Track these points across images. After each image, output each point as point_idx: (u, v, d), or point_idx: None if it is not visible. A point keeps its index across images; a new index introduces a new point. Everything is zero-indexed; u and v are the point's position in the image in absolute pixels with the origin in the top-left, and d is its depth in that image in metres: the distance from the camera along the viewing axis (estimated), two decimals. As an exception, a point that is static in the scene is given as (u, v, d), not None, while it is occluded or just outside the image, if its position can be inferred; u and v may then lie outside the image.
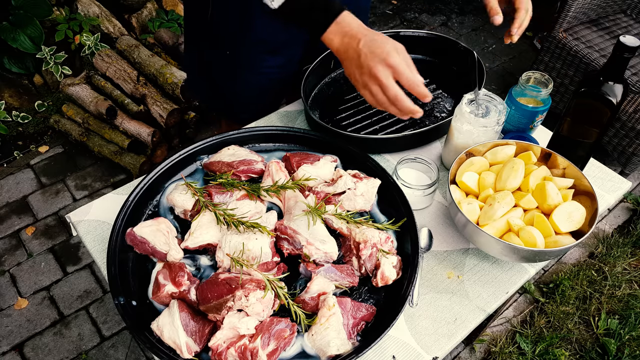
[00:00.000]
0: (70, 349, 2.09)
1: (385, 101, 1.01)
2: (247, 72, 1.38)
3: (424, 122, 1.37)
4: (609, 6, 2.76)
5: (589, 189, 1.05)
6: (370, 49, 0.99)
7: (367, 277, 1.02)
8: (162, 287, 0.95)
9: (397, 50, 0.99)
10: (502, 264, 1.11)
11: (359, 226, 1.05)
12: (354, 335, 0.93)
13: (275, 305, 0.95)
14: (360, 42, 1.00)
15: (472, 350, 2.15)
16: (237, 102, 1.49)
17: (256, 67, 1.37)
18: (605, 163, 1.31)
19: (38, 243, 2.42)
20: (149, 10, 3.21)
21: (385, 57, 0.97)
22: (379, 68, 0.97)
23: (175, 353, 0.88)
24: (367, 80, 1.01)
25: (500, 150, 1.13)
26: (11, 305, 2.21)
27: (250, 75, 1.39)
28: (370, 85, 1.01)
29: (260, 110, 1.44)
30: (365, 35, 1.00)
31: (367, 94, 1.03)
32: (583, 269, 2.39)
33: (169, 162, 1.14)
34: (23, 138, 2.86)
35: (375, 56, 0.98)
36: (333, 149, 1.21)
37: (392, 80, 0.98)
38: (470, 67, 1.32)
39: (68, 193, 2.63)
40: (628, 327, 2.16)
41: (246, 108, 1.49)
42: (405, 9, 3.96)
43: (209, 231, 1.03)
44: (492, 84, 3.35)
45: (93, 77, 2.77)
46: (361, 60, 1.00)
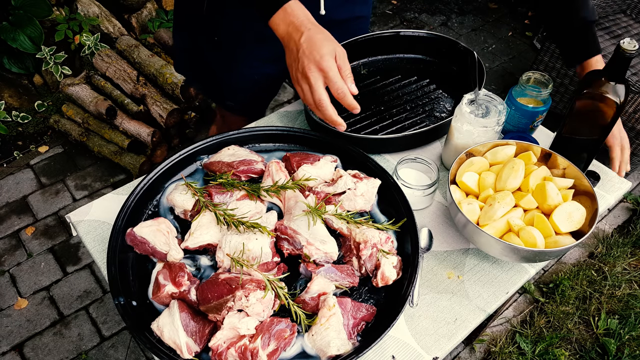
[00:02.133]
0: (70, 349, 2.09)
1: (311, 103, 1.00)
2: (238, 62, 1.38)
3: (424, 122, 1.37)
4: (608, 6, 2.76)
5: (589, 189, 1.05)
6: (308, 46, 0.97)
7: (367, 277, 1.02)
8: (162, 287, 0.95)
9: (336, 54, 0.97)
10: (502, 264, 1.11)
11: (359, 226, 1.05)
12: (354, 336, 0.93)
13: (276, 305, 0.95)
14: (302, 35, 0.98)
15: (472, 350, 2.15)
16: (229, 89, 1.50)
17: (247, 59, 1.36)
18: (605, 163, 1.31)
19: (38, 243, 2.42)
20: (148, 10, 3.21)
21: (319, 60, 0.95)
22: (311, 69, 0.96)
23: (176, 353, 0.88)
24: (300, 77, 1.00)
25: (500, 151, 1.13)
26: (11, 305, 2.21)
27: (243, 66, 1.38)
28: (301, 83, 1.00)
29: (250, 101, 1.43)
30: (308, 29, 0.98)
31: (298, 89, 1.02)
32: (583, 269, 2.40)
33: (169, 162, 1.14)
34: (23, 138, 2.86)
35: (311, 55, 0.96)
36: (333, 149, 1.21)
37: (321, 84, 0.97)
38: (470, 67, 1.32)
39: (68, 193, 2.63)
40: (628, 327, 2.16)
41: (237, 97, 1.49)
42: (405, 9, 3.96)
43: (209, 231, 1.03)
44: (492, 84, 3.35)
45: (93, 77, 2.77)
46: (299, 55, 0.98)
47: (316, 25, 1.00)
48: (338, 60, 0.99)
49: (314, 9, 1.29)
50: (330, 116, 1.00)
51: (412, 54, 1.54)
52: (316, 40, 0.97)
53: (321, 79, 0.97)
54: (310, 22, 1.00)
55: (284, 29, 1.02)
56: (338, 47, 0.99)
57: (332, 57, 0.97)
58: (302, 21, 1.00)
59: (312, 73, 0.96)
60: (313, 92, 0.98)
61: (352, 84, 1.00)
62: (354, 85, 1.00)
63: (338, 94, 0.97)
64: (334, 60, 0.97)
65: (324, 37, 0.98)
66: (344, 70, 1.00)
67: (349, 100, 0.98)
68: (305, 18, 1.00)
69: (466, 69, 1.42)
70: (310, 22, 1.00)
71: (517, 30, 3.83)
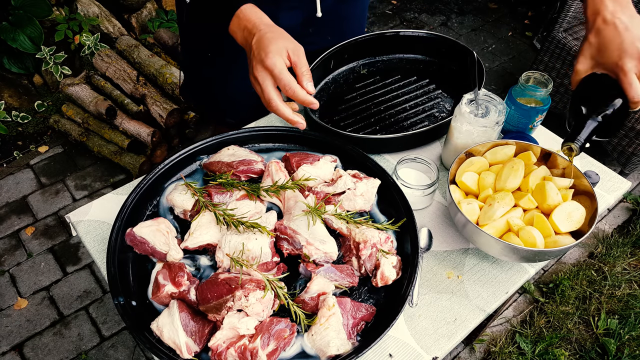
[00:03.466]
0: (70, 349, 2.09)
1: (265, 104, 0.98)
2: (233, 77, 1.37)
3: (424, 122, 1.37)
4: (608, 6, 2.76)
5: (588, 189, 1.04)
6: (257, 46, 0.95)
7: (367, 277, 1.02)
8: (161, 287, 0.95)
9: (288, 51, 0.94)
10: (501, 264, 1.11)
11: (359, 226, 1.05)
12: (354, 335, 0.93)
13: (275, 305, 0.95)
14: (254, 37, 0.96)
15: (472, 350, 2.15)
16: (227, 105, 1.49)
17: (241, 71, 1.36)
18: (605, 163, 1.31)
19: (38, 243, 2.42)
20: (148, 10, 3.21)
21: (263, 58, 0.93)
22: (258, 69, 0.95)
23: (175, 353, 0.88)
24: (252, 80, 0.98)
25: (500, 150, 1.13)
26: (11, 305, 2.21)
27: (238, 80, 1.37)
28: (255, 85, 0.98)
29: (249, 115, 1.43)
30: (260, 30, 0.96)
31: (257, 91, 1.00)
32: (583, 269, 2.40)
33: (169, 162, 1.14)
34: (23, 138, 2.86)
35: (258, 56, 0.94)
36: (333, 149, 1.21)
37: (270, 83, 0.95)
38: (470, 67, 1.32)
39: (68, 193, 2.63)
40: (628, 327, 2.16)
41: (235, 112, 1.48)
42: (405, 9, 3.96)
43: (208, 231, 1.03)
44: (492, 84, 3.35)
45: (93, 77, 2.77)
46: (251, 57, 0.97)
47: (269, 26, 0.97)
48: (292, 57, 0.95)
49: (311, 11, 1.29)
50: (283, 114, 0.97)
51: (412, 54, 1.54)
52: (264, 40, 0.94)
53: (269, 78, 0.95)
54: (262, 24, 0.97)
55: (240, 35, 1.00)
56: (290, 44, 0.95)
57: (279, 54, 0.93)
58: (255, 23, 0.97)
59: (259, 73, 0.95)
60: (263, 92, 0.96)
61: (309, 82, 0.97)
62: (310, 84, 0.97)
63: (287, 90, 0.94)
64: (281, 57, 0.94)
65: (273, 36, 0.95)
66: (299, 67, 0.96)
67: (300, 96, 0.95)
68: (258, 20, 0.98)
69: (466, 69, 1.41)
70: (263, 24, 0.97)
71: (517, 30, 3.83)
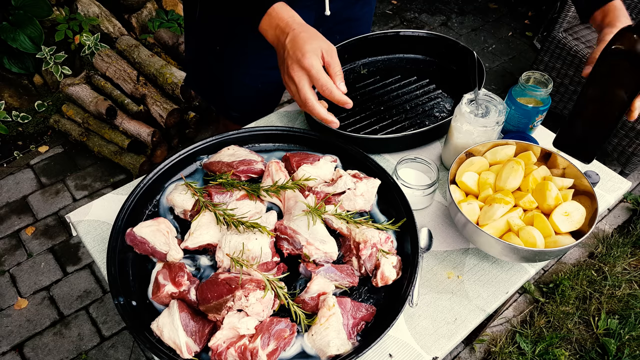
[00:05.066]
0: (70, 349, 2.09)
1: (300, 103, 0.99)
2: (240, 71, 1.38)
3: (424, 122, 1.37)
4: (608, 6, 2.76)
5: (588, 189, 1.04)
6: (292, 46, 0.95)
7: (367, 277, 1.02)
8: (162, 287, 0.95)
9: (322, 51, 0.95)
10: (502, 264, 1.11)
11: (359, 226, 1.05)
12: (354, 335, 0.93)
13: (275, 305, 0.95)
14: (287, 36, 0.96)
15: (472, 350, 2.15)
16: (232, 100, 1.49)
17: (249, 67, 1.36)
18: (605, 163, 1.31)
19: (38, 243, 2.42)
20: (148, 10, 3.21)
21: (300, 58, 0.93)
22: (294, 68, 0.95)
23: (175, 353, 0.88)
24: (287, 79, 0.99)
25: (500, 150, 1.13)
26: (11, 305, 2.21)
27: (244, 75, 1.38)
28: (289, 84, 0.99)
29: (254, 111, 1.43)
30: (293, 29, 0.96)
31: (289, 91, 1.01)
32: (583, 269, 2.39)
33: (169, 162, 1.14)
34: (23, 138, 2.86)
35: (294, 55, 0.94)
36: (333, 149, 1.21)
37: (306, 83, 0.95)
38: (470, 67, 1.32)
39: (68, 193, 2.63)
40: (628, 327, 2.16)
41: (240, 107, 1.49)
42: (405, 9, 3.96)
43: (208, 231, 1.03)
44: (492, 84, 3.35)
45: (93, 77, 2.77)
46: (285, 57, 0.97)
47: (302, 25, 0.98)
48: (326, 57, 0.96)
49: (320, 9, 1.29)
50: (319, 114, 0.98)
51: (412, 54, 1.54)
52: (299, 40, 0.95)
53: (305, 78, 0.95)
54: (295, 23, 0.98)
55: (272, 33, 1.00)
56: (324, 44, 0.96)
57: (316, 54, 0.94)
58: (287, 22, 0.97)
59: (295, 73, 0.95)
60: (299, 91, 0.96)
61: (342, 82, 0.98)
62: (343, 84, 0.98)
63: (323, 90, 0.95)
64: (317, 57, 0.94)
65: (308, 36, 0.95)
66: (333, 67, 0.97)
67: (336, 96, 0.96)
68: (291, 19, 0.98)
69: (466, 69, 1.41)
70: (296, 23, 0.98)
71: (517, 30, 3.83)
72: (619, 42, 0.94)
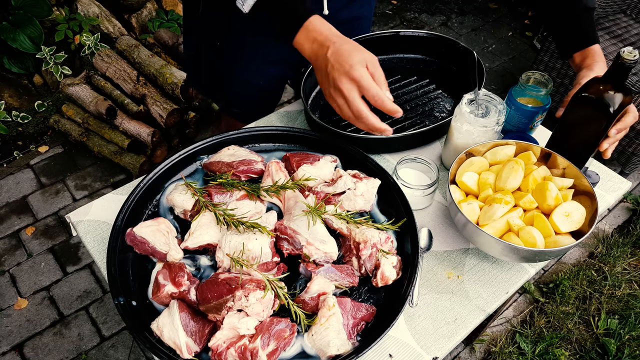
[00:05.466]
0: (70, 349, 2.09)
1: (350, 116, 0.97)
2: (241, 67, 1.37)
3: (424, 122, 1.37)
4: (608, 6, 2.76)
5: (588, 189, 1.05)
6: (336, 59, 0.94)
7: (367, 277, 1.02)
8: (162, 287, 0.95)
9: (366, 62, 0.94)
10: (502, 264, 1.11)
11: (359, 226, 1.05)
12: (354, 336, 0.93)
13: (275, 305, 0.95)
14: (328, 50, 0.95)
15: (472, 350, 2.15)
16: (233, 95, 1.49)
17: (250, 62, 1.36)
18: (605, 163, 1.31)
19: (38, 243, 2.42)
20: (148, 10, 3.21)
21: (349, 70, 0.92)
22: (343, 81, 0.93)
23: (175, 353, 0.88)
24: (333, 92, 0.97)
25: (500, 150, 1.13)
26: (11, 305, 2.21)
27: (245, 71, 1.38)
28: (336, 98, 0.97)
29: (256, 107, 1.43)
30: (334, 42, 0.95)
31: (334, 105, 0.99)
32: (583, 269, 2.40)
33: (169, 162, 1.14)
34: (23, 138, 2.86)
35: (340, 68, 0.93)
36: (333, 149, 1.21)
37: (357, 95, 0.94)
38: (470, 67, 1.32)
39: (68, 193, 2.63)
40: (628, 327, 2.16)
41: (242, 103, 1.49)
42: (405, 9, 3.96)
43: (208, 231, 1.03)
44: (492, 84, 3.35)
45: (93, 77, 2.77)
46: (328, 70, 0.95)
47: (341, 37, 0.97)
48: (370, 67, 0.95)
49: (318, 9, 1.29)
50: (374, 125, 0.96)
51: (412, 54, 1.54)
52: (343, 52, 0.93)
53: (355, 89, 0.94)
54: (334, 35, 0.96)
55: (309, 47, 0.98)
56: (367, 55, 0.95)
57: (363, 65, 0.93)
58: (327, 35, 0.96)
59: (344, 85, 0.93)
60: (350, 103, 0.94)
61: (387, 90, 0.97)
62: (388, 92, 0.97)
63: (375, 100, 0.93)
64: (365, 68, 0.93)
65: (351, 47, 0.94)
66: (377, 76, 0.96)
67: (388, 105, 0.94)
68: (329, 31, 0.97)
69: (466, 69, 1.41)
70: (335, 35, 0.97)
71: (517, 30, 3.83)
72: (587, 90, 1.04)
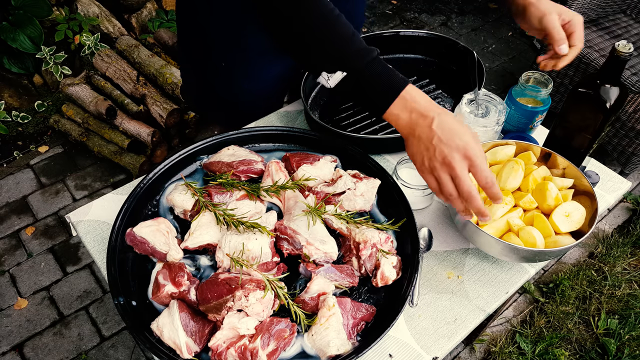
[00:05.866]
0: (70, 349, 2.09)
1: (453, 194, 0.90)
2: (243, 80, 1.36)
3: (423, 122, 1.37)
4: (608, 6, 2.76)
5: (588, 189, 1.05)
6: (445, 133, 0.88)
7: (367, 277, 1.02)
8: (162, 287, 0.95)
9: (475, 139, 0.89)
10: (502, 264, 1.11)
11: (359, 226, 1.05)
12: (354, 336, 0.93)
13: (275, 305, 0.95)
14: (433, 121, 0.89)
15: (472, 350, 2.15)
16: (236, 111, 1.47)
17: (252, 75, 1.35)
18: (605, 163, 1.31)
19: (38, 243, 2.42)
20: (148, 10, 3.21)
21: (465, 147, 0.87)
22: (455, 157, 0.87)
23: (175, 353, 0.88)
24: (438, 166, 0.89)
25: (500, 150, 1.13)
26: (11, 305, 2.21)
27: (247, 83, 1.36)
28: (440, 173, 0.90)
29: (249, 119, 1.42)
30: (438, 114, 0.90)
31: (431, 179, 0.92)
32: (583, 269, 2.40)
33: (169, 162, 1.14)
34: (23, 138, 2.86)
35: (452, 143, 0.87)
36: (333, 149, 1.21)
37: (467, 174, 0.88)
38: (470, 67, 1.32)
39: (68, 193, 2.63)
40: (628, 327, 2.16)
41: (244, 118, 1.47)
42: (405, 9, 3.96)
43: (208, 231, 1.03)
44: (492, 84, 3.35)
45: (93, 77, 2.77)
46: (433, 142, 0.89)
47: (440, 107, 0.93)
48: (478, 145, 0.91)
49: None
50: (479, 207, 0.89)
51: (412, 54, 1.54)
52: (452, 126, 0.89)
53: (466, 167, 0.88)
54: (434, 105, 0.92)
55: (406, 117, 0.93)
56: (472, 131, 0.91)
57: (476, 143, 0.89)
58: (426, 106, 0.92)
59: (457, 162, 0.87)
60: (460, 181, 0.87)
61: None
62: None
63: (487, 182, 0.88)
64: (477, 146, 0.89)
65: (458, 121, 0.90)
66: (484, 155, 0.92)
67: (495, 190, 0.89)
68: (428, 102, 0.93)
69: (466, 69, 1.41)
70: (434, 105, 0.93)
71: (517, 30, 3.83)
72: (583, 85, 1.05)
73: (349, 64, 0.94)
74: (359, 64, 0.93)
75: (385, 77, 0.94)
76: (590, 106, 1.05)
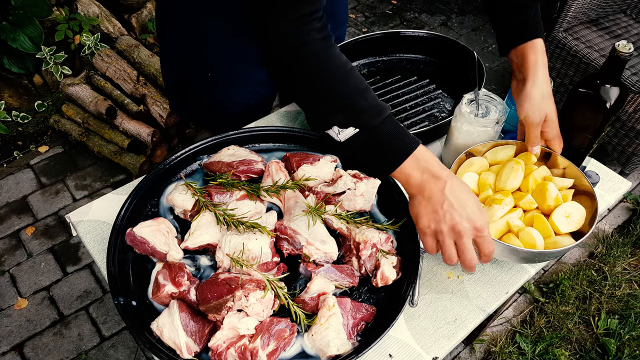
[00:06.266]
0: (70, 349, 2.09)
1: (453, 258, 0.92)
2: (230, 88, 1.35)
3: (424, 122, 1.37)
4: (608, 6, 2.76)
5: (588, 189, 1.04)
6: (457, 199, 0.89)
7: (367, 277, 1.02)
8: (162, 287, 0.95)
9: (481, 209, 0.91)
10: (502, 264, 1.11)
11: (359, 226, 1.05)
12: (354, 336, 0.93)
13: (275, 305, 0.95)
14: (445, 186, 0.90)
15: (472, 350, 2.15)
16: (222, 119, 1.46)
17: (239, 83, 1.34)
18: (605, 163, 1.31)
19: (38, 243, 2.42)
20: (148, 10, 3.21)
21: (474, 218, 0.89)
22: (465, 227, 0.89)
23: (175, 353, 0.88)
24: (445, 231, 0.90)
25: (500, 150, 1.13)
26: (11, 305, 2.21)
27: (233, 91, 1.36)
28: (445, 237, 0.91)
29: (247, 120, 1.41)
30: (450, 178, 0.92)
31: (431, 241, 0.93)
32: (583, 269, 2.40)
33: (169, 162, 1.14)
34: (23, 138, 2.86)
35: (463, 212, 0.89)
36: (333, 148, 1.21)
37: (472, 244, 0.91)
38: (470, 67, 1.32)
39: (68, 193, 2.63)
40: (628, 327, 2.16)
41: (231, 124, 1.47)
42: (405, 9, 3.96)
43: (208, 231, 1.03)
44: (492, 84, 3.35)
45: (93, 77, 2.77)
46: (444, 207, 0.90)
47: (449, 172, 0.94)
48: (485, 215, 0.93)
49: None
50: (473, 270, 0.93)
51: (412, 54, 1.54)
52: (462, 194, 0.90)
53: (472, 238, 0.90)
54: (444, 169, 0.93)
55: (418, 176, 0.93)
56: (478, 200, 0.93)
57: (484, 212, 0.91)
58: (437, 169, 0.92)
59: (466, 231, 0.89)
60: (465, 251, 0.90)
61: None
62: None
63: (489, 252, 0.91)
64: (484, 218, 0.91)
65: (468, 189, 0.92)
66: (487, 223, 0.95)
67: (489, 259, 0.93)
68: (439, 164, 0.93)
69: (466, 69, 1.42)
70: (444, 169, 0.93)
71: (517, 30, 3.82)
72: (583, 85, 1.06)
73: (362, 121, 0.92)
74: (373, 123, 0.92)
75: (398, 136, 0.94)
76: (591, 106, 1.05)
